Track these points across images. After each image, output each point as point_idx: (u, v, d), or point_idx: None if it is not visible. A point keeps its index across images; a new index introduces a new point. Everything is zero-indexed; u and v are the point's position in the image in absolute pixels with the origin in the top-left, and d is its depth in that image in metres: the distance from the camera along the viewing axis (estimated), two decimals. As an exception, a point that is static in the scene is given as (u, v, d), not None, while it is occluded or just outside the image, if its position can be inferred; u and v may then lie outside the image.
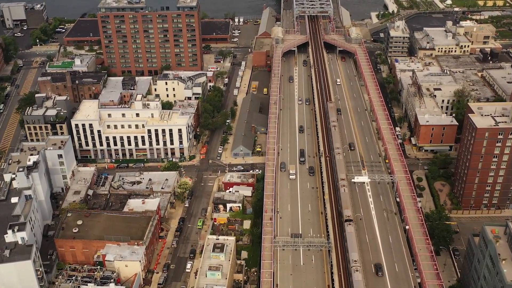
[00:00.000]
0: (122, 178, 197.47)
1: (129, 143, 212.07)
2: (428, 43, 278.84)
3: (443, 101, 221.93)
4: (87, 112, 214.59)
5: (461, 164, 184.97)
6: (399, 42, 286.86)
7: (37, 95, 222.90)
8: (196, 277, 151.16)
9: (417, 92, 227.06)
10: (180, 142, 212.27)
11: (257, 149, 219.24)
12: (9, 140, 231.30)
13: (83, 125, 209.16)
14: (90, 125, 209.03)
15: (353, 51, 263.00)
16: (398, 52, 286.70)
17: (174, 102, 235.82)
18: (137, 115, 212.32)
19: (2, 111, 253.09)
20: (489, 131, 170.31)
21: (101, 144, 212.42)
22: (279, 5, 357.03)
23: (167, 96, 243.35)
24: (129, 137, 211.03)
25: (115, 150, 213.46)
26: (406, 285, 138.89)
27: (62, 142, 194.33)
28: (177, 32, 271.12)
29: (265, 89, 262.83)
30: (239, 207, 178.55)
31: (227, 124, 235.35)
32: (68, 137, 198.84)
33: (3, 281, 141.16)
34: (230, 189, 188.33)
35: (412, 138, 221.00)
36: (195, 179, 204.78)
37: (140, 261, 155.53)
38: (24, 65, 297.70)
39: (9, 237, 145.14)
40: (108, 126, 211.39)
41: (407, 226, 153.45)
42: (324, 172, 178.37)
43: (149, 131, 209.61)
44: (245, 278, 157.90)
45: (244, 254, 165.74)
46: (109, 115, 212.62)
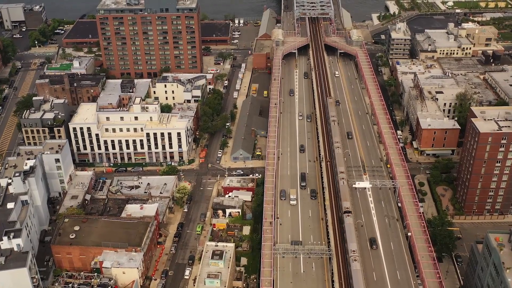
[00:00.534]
0: (120, 183, 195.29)
1: (128, 147, 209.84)
2: (429, 45, 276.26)
3: (445, 104, 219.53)
4: (85, 115, 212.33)
5: (464, 169, 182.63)
6: (401, 44, 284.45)
7: (35, 98, 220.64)
8: (194, 284, 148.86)
9: (419, 95, 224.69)
10: (179, 146, 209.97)
11: (257, 153, 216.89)
12: (7, 143, 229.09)
13: (81, 128, 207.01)
14: (88, 129, 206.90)
15: (354, 54, 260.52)
16: (400, 54, 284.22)
17: (173, 105, 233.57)
18: (136, 118, 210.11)
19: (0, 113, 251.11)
20: (492, 136, 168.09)
21: (99, 148, 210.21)
22: (279, 6, 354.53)
23: (166, 99, 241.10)
24: (127, 140, 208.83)
25: (113, 154, 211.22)
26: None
27: (59, 146, 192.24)
28: (177, 34, 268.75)
29: (265, 92, 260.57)
30: (238, 212, 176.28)
31: (226, 128, 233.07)
32: (66, 141, 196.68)
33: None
34: (230, 194, 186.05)
35: (413, 142, 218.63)
36: (194, 184, 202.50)
37: (137, 268, 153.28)
38: (23, 67, 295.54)
39: (5, 244, 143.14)
40: (107, 130, 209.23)
41: (409, 233, 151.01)
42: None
43: (148, 134, 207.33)
44: (244, 285, 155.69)
45: (244, 260, 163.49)
46: (108, 118, 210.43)
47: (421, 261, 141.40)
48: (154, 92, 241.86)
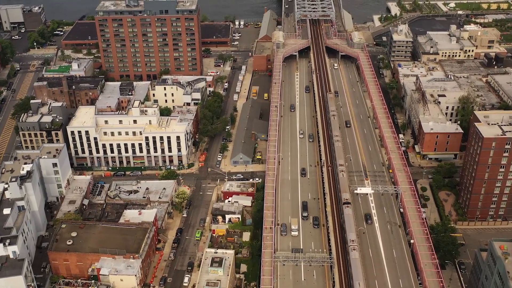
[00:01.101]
0: (119, 187, 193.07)
1: (126, 151, 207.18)
2: (431, 47, 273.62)
3: (447, 107, 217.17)
4: (83, 118, 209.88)
5: (467, 174, 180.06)
6: (402, 46, 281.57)
7: (32, 101, 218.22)
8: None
9: (421, 98, 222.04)
10: (179, 150, 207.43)
11: (257, 157, 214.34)
12: (4, 146, 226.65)
13: (79, 132, 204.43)
14: (86, 132, 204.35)
15: (356, 56, 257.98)
16: (401, 56, 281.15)
17: (172, 108, 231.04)
18: (135, 121, 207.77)
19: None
20: (496, 140, 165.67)
21: (98, 152, 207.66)
22: (280, 7, 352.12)
23: (165, 101, 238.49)
24: (126, 144, 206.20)
25: (112, 157, 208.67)
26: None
27: (57, 150, 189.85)
28: (176, 36, 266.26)
29: (265, 94, 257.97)
30: (238, 218, 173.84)
31: (226, 131, 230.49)
32: (63, 145, 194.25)
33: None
34: (230, 199, 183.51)
35: (415, 146, 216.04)
36: (193, 188, 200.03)
37: (136, 275, 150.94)
38: (21, 69, 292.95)
39: (0, 251, 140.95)
40: (105, 133, 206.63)
41: (412, 240, 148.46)
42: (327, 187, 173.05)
43: (147, 138, 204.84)
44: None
45: (244, 267, 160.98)
46: (106, 121, 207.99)
47: (424, 269, 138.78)
48: (154, 95, 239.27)
